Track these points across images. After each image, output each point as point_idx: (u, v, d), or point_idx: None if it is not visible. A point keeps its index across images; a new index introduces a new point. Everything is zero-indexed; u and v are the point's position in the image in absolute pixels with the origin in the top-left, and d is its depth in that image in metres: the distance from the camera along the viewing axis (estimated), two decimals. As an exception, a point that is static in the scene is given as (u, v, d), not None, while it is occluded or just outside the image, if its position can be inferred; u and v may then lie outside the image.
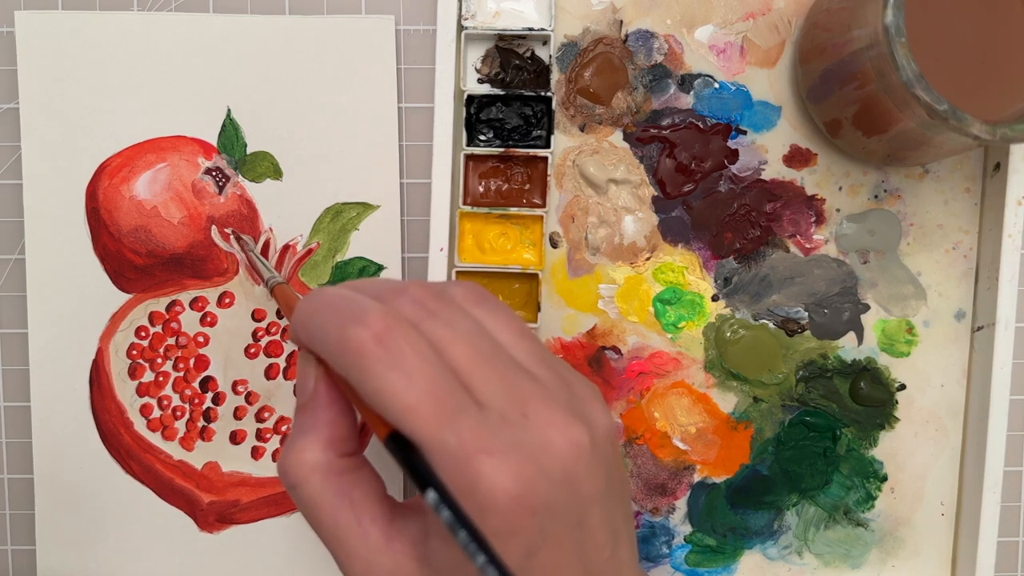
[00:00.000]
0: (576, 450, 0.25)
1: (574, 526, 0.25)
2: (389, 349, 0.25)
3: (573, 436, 0.25)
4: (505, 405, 0.25)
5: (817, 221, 0.42)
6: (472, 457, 0.24)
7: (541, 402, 0.26)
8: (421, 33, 0.42)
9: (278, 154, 0.41)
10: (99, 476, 0.42)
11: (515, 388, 0.26)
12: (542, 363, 0.27)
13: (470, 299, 0.28)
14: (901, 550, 0.43)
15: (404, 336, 0.25)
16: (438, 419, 0.24)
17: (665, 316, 0.42)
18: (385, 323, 0.25)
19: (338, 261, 0.42)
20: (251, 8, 0.42)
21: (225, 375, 0.42)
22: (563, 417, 0.25)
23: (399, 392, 0.24)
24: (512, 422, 0.25)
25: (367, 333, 0.25)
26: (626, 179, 0.42)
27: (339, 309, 0.26)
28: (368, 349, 0.25)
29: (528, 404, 0.25)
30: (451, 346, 0.26)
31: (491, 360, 0.26)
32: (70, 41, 0.41)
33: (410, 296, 0.27)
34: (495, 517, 0.23)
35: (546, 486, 0.24)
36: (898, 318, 0.42)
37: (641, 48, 0.41)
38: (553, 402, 0.26)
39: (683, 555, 0.43)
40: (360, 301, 0.26)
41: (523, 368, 0.27)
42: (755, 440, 0.42)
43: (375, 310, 0.25)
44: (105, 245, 0.41)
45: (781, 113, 0.42)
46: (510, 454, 0.24)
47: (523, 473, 0.24)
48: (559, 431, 0.25)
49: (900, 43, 0.32)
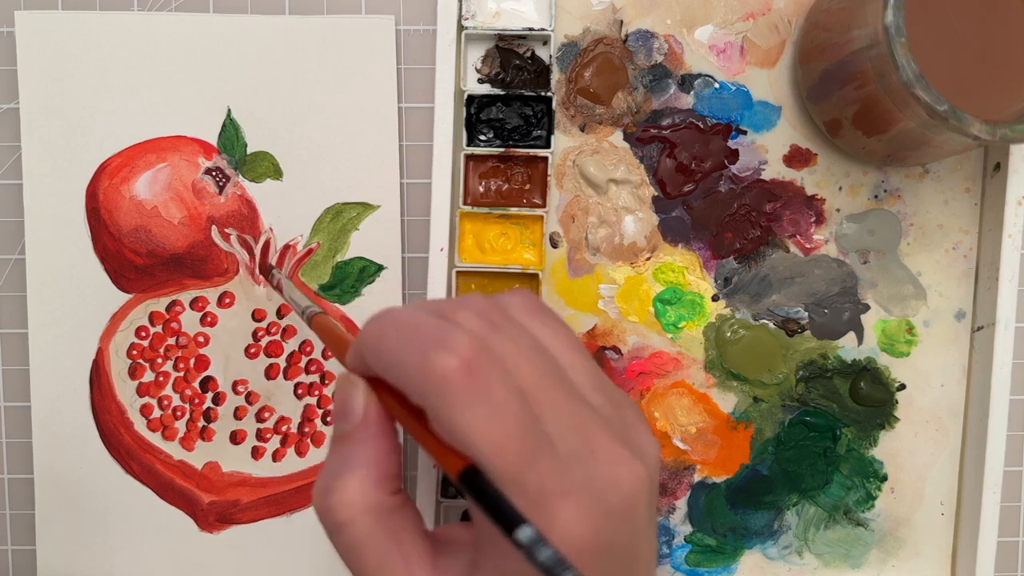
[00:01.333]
0: (638, 486, 0.25)
1: (629, 560, 0.25)
2: (477, 380, 0.23)
3: (636, 472, 0.25)
4: (574, 439, 0.24)
5: (817, 221, 0.42)
6: (549, 499, 0.23)
7: (605, 435, 0.25)
8: (421, 33, 0.42)
9: (278, 154, 0.41)
10: (99, 476, 0.42)
11: (580, 419, 0.25)
12: (597, 386, 0.27)
13: (528, 310, 0.27)
14: (901, 550, 0.43)
15: (493, 366, 0.24)
16: (522, 458, 0.23)
17: (665, 316, 0.42)
18: (473, 350, 0.23)
19: (338, 261, 0.42)
20: (251, 8, 0.42)
21: (225, 375, 0.42)
22: (626, 452, 0.25)
23: (488, 428, 0.23)
24: (582, 459, 0.24)
25: (455, 361, 0.23)
26: (626, 179, 0.42)
27: (419, 333, 0.24)
28: (457, 379, 0.23)
29: (594, 438, 0.25)
30: (518, 367, 0.24)
31: (557, 385, 0.25)
32: (70, 41, 0.41)
33: (474, 309, 0.25)
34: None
35: (612, 526, 0.24)
36: (898, 318, 0.42)
37: (641, 48, 0.41)
38: (614, 435, 0.25)
39: (683, 555, 0.43)
40: (440, 323, 0.24)
41: (581, 393, 0.26)
42: (755, 440, 0.42)
43: (461, 335, 0.24)
44: (105, 245, 0.41)
45: (781, 113, 0.42)
46: (581, 495, 0.23)
47: (593, 515, 0.23)
48: (626, 468, 0.24)
49: (900, 43, 0.32)
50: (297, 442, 0.42)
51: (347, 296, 0.42)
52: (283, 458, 0.42)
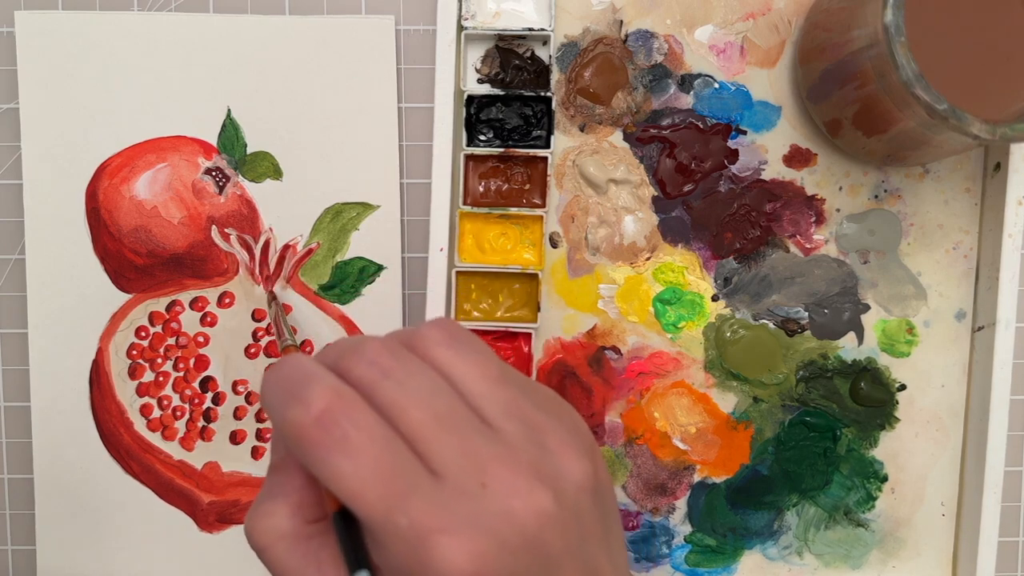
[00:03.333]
0: (539, 516, 0.24)
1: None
2: (330, 431, 0.24)
3: (536, 503, 0.24)
4: (462, 474, 0.24)
5: (817, 221, 0.42)
6: (426, 538, 0.23)
7: (502, 466, 0.25)
8: (421, 33, 0.42)
9: (278, 154, 0.41)
10: (99, 476, 0.42)
11: (474, 453, 0.25)
12: (510, 414, 0.26)
13: (443, 341, 0.27)
14: (901, 550, 0.43)
15: (347, 414, 0.24)
16: (387, 501, 0.23)
17: (665, 316, 0.42)
18: (326, 401, 0.24)
19: (338, 261, 0.42)
20: (251, 8, 0.42)
21: (225, 375, 0.42)
22: (525, 482, 0.25)
23: (344, 476, 0.23)
24: (469, 493, 0.24)
25: (306, 416, 0.24)
26: (626, 179, 0.42)
27: (283, 386, 0.25)
28: (309, 433, 0.24)
29: (488, 471, 0.24)
30: (404, 412, 0.25)
31: (448, 423, 0.25)
32: (70, 41, 0.41)
33: (366, 356, 0.26)
34: None
35: (506, 558, 0.24)
36: (898, 318, 0.42)
37: (641, 48, 0.41)
38: (515, 465, 0.25)
39: (683, 555, 0.43)
40: (306, 375, 0.25)
41: (486, 425, 0.26)
42: (755, 440, 0.42)
43: (318, 386, 0.24)
44: (105, 245, 0.41)
45: (781, 113, 0.42)
46: (466, 530, 0.23)
47: (479, 548, 0.23)
48: (521, 499, 0.24)
49: (900, 43, 0.32)
50: (297, 442, 0.42)
51: (347, 296, 0.42)
52: (283, 458, 0.42)
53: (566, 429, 0.27)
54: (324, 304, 0.42)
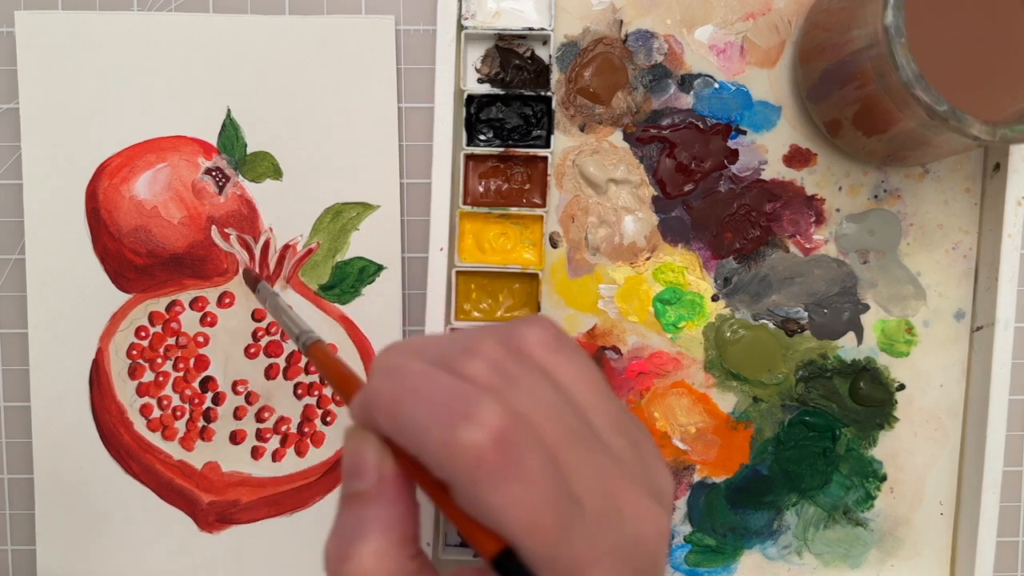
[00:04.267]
0: (660, 537, 0.24)
1: None
2: (509, 455, 0.21)
3: (660, 524, 0.24)
4: (600, 498, 0.23)
5: (817, 221, 0.42)
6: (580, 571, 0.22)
7: (629, 488, 0.24)
8: (421, 33, 0.42)
9: (278, 154, 0.41)
10: (99, 476, 0.42)
11: (605, 473, 0.23)
12: (617, 426, 0.25)
13: (545, 344, 0.25)
14: (900, 550, 0.43)
15: (523, 435, 0.22)
16: (557, 534, 0.21)
17: (665, 316, 0.42)
18: (503, 422, 0.21)
19: (338, 261, 0.42)
20: (251, 8, 0.42)
21: (225, 375, 0.42)
22: (650, 504, 0.24)
23: (522, 507, 0.21)
24: (609, 519, 0.23)
25: (484, 437, 0.21)
26: (626, 179, 0.42)
27: (439, 401, 0.22)
28: (488, 457, 0.21)
29: (619, 494, 0.23)
30: (542, 426, 0.22)
31: (580, 439, 0.23)
32: (70, 41, 0.41)
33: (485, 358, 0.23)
34: None
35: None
36: (898, 318, 0.42)
37: (641, 48, 0.41)
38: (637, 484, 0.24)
39: (683, 555, 0.43)
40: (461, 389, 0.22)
41: (603, 441, 0.24)
42: (755, 440, 0.42)
43: (488, 405, 0.22)
44: (105, 245, 0.41)
45: (781, 113, 0.42)
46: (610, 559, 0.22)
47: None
48: (649, 523, 0.24)
49: (900, 43, 0.32)
50: (297, 442, 0.42)
51: (347, 296, 0.42)
52: (283, 458, 0.42)
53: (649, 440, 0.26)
54: (324, 304, 0.42)
